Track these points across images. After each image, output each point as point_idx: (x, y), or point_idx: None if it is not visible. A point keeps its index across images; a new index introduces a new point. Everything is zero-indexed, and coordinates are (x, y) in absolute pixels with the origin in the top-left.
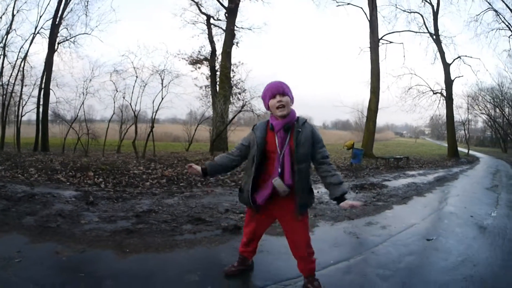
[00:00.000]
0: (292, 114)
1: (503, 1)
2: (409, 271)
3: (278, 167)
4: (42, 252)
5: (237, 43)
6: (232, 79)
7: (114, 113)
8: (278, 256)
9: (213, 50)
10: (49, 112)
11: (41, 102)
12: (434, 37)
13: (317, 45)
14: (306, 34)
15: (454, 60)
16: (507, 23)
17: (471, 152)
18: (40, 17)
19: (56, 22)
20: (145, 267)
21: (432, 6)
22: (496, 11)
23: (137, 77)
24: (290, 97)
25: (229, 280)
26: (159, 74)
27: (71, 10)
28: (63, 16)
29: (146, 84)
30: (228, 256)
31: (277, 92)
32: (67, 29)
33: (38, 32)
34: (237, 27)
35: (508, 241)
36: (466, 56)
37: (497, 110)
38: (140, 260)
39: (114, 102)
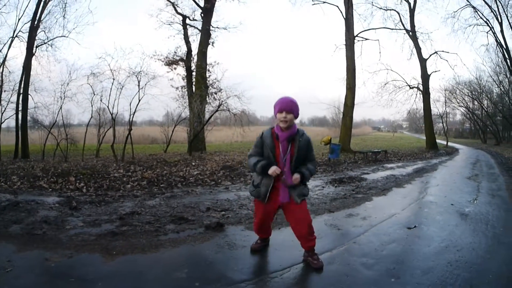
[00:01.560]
0: (294, 128)
1: None
2: (392, 258)
3: (284, 168)
4: (31, 260)
5: (212, 43)
6: (208, 79)
7: (92, 117)
8: (264, 251)
9: (189, 51)
10: (28, 118)
11: (20, 108)
12: (411, 33)
13: (293, 43)
14: (282, 33)
15: (430, 55)
16: (485, 19)
17: (450, 143)
18: (19, 20)
19: (34, 25)
20: (133, 268)
21: (409, 3)
22: (474, 7)
23: (114, 79)
24: (295, 115)
25: (217, 275)
26: (136, 75)
27: (49, 12)
28: (41, 18)
29: (123, 87)
30: (213, 253)
31: (285, 109)
32: (44, 32)
33: (16, 36)
34: (212, 27)
35: (491, 226)
36: (442, 51)
37: (476, 102)
38: (128, 261)
39: (92, 106)
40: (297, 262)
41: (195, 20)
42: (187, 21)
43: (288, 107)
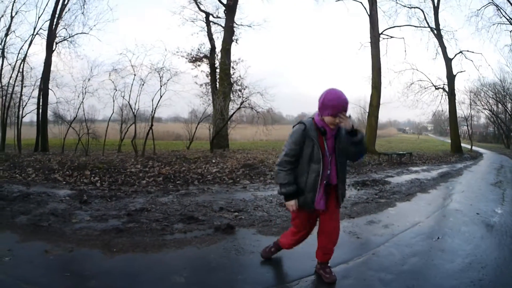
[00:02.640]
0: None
1: None
2: (413, 274)
3: (328, 169)
4: (32, 250)
5: (236, 40)
6: (232, 76)
7: (113, 112)
8: (269, 259)
9: (213, 48)
10: (50, 112)
11: (41, 103)
12: (435, 31)
13: (316, 40)
14: (306, 30)
15: (455, 55)
16: (508, 18)
17: (474, 148)
18: (39, 18)
19: (54, 23)
20: (131, 267)
21: (433, 1)
22: (497, 5)
23: (135, 75)
24: None
25: (217, 283)
26: (158, 72)
27: (69, 10)
28: (61, 16)
29: (144, 83)
30: (218, 258)
31: (342, 111)
32: (66, 29)
33: (37, 33)
34: (236, 24)
35: None
36: (467, 51)
37: (500, 105)
38: (127, 260)
39: (114, 101)
40: (308, 274)
41: (219, 17)
42: (211, 18)
43: (346, 108)
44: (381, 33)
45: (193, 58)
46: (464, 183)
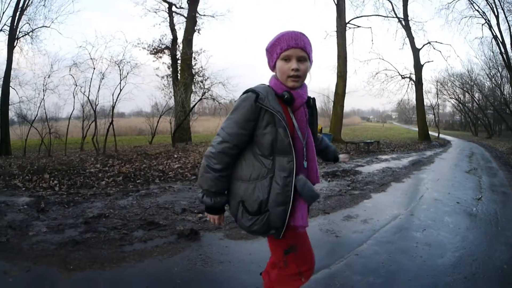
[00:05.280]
0: (305, 86)
1: None
2: (403, 275)
3: (304, 160)
4: None
5: (198, 30)
6: (193, 67)
7: (74, 109)
8: (242, 267)
9: (175, 38)
10: (13, 112)
11: (3, 103)
12: (403, 22)
13: (281, 29)
14: (270, 19)
15: (424, 45)
16: (481, 11)
17: (441, 135)
18: (3, 13)
19: (17, 17)
20: None
21: None
22: None
23: (94, 68)
24: (311, 61)
25: None
26: (117, 64)
27: (31, 2)
28: (25, 9)
29: (104, 77)
30: (183, 271)
31: (295, 53)
32: (29, 23)
33: (1, 30)
34: (199, 14)
35: (502, 228)
36: (436, 42)
37: (467, 95)
38: (84, 279)
39: (74, 97)
40: None
41: (182, 8)
42: (173, 8)
43: (301, 43)
44: (348, 22)
45: (155, 50)
46: (438, 171)
